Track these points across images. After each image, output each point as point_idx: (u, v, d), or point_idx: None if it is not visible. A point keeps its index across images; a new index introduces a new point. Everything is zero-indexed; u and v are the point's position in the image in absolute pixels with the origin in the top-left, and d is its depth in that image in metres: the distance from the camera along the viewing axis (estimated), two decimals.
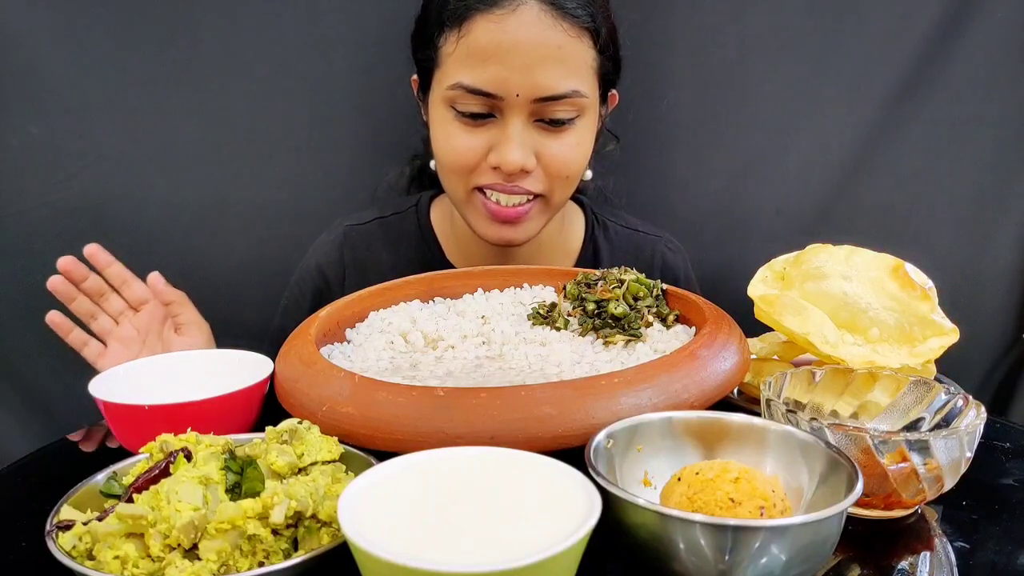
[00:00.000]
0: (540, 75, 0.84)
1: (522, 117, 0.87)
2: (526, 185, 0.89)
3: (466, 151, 0.89)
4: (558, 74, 0.85)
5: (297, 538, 0.48)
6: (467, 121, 0.88)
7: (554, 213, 0.96)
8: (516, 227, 0.93)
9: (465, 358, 0.71)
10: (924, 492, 0.55)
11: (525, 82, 0.84)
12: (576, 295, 0.77)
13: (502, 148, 0.87)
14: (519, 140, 0.87)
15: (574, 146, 0.90)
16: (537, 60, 0.84)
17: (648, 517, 0.45)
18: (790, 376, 0.64)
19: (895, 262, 0.72)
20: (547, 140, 0.89)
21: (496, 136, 0.88)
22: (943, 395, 0.61)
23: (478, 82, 0.85)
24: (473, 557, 0.40)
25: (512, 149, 0.86)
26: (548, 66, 0.84)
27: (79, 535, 0.47)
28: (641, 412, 0.55)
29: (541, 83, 0.85)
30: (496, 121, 0.88)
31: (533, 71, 0.84)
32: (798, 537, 0.44)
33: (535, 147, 0.89)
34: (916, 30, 1.12)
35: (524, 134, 0.87)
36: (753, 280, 0.76)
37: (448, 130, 0.90)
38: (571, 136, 0.90)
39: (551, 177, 0.90)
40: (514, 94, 0.85)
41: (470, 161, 0.89)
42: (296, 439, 0.54)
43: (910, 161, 1.17)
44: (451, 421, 0.54)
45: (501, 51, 0.83)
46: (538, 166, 0.89)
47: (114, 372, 0.71)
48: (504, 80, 0.84)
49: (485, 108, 0.87)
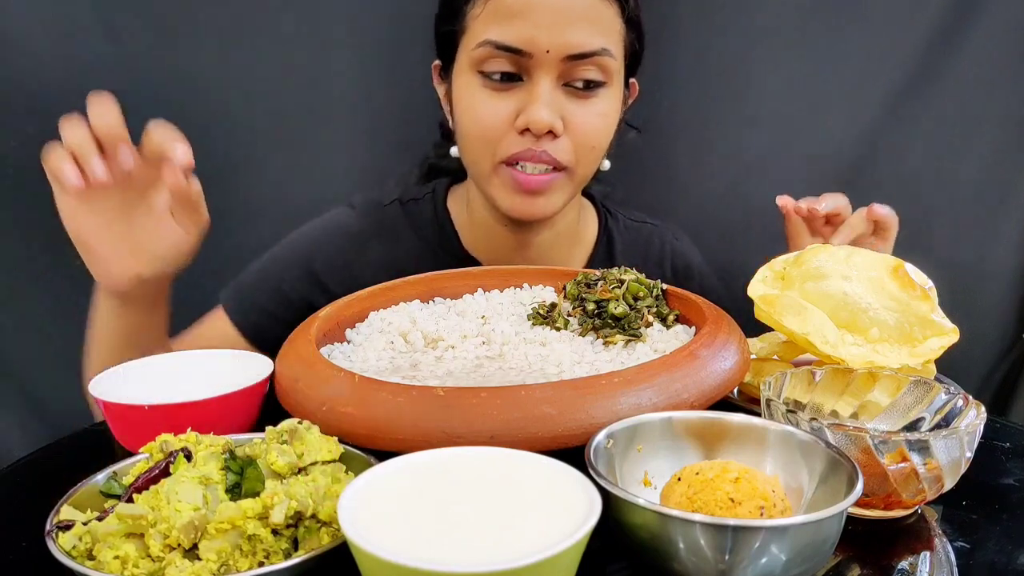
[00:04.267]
0: (570, 31, 0.84)
1: (551, 78, 0.86)
2: (553, 152, 0.88)
3: (493, 117, 0.88)
4: (588, 31, 0.85)
5: (297, 538, 0.48)
6: (494, 86, 0.87)
7: (576, 190, 0.95)
8: (538, 199, 0.91)
9: (465, 358, 0.71)
10: (924, 492, 0.54)
11: (555, 38, 0.84)
12: (576, 295, 0.77)
13: (530, 108, 0.86)
14: (548, 99, 0.86)
15: (601, 115, 0.90)
16: (566, 17, 0.83)
17: (648, 517, 0.45)
18: (790, 376, 0.64)
19: (895, 262, 0.72)
20: (575, 107, 0.88)
21: (524, 100, 0.87)
22: (943, 395, 0.61)
23: (507, 38, 0.84)
24: (473, 557, 0.40)
25: (540, 107, 0.85)
26: (578, 23, 0.84)
27: (79, 535, 0.47)
28: (641, 412, 0.55)
29: (571, 40, 0.84)
30: (523, 85, 0.87)
31: (563, 27, 0.84)
32: (798, 537, 0.44)
33: (562, 112, 0.88)
34: (918, 30, 1.13)
35: (553, 95, 0.87)
36: (753, 280, 0.76)
37: (475, 97, 0.89)
38: (598, 104, 0.89)
39: (577, 146, 0.89)
40: (544, 50, 0.84)
41: (497, 128, 0.88)
42: (296, 439, 0.54)
43: (911, 161, 1.18)
44: (451, 421, 0.54)
45: (529, 7, 0.83)
46: (565, 134, 0.89)
47: (114, 372, 0.71)
48: (533, 36, 0.84)
49: (513, 68, 0.86)
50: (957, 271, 1.17)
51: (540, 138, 0.87)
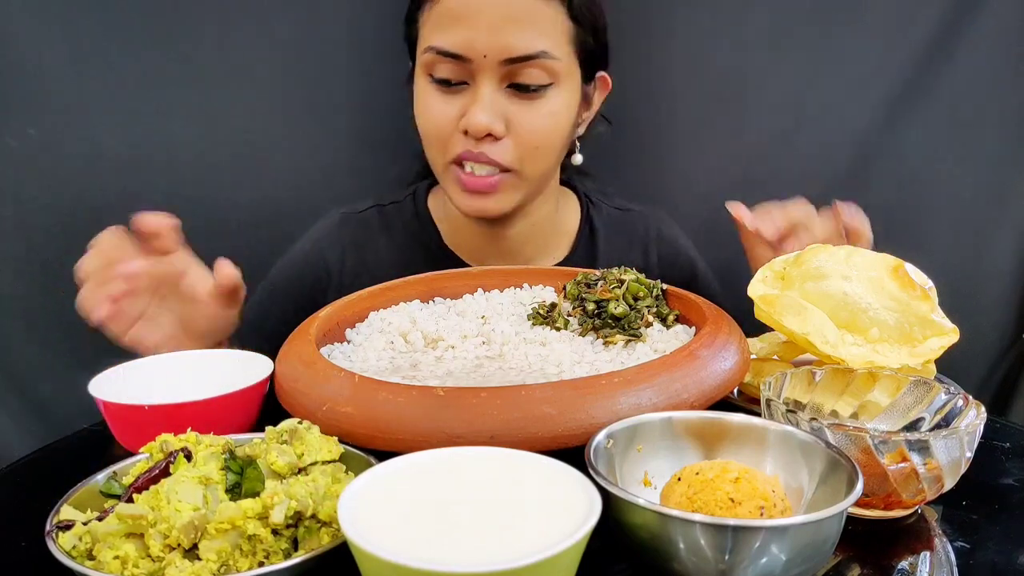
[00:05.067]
0: (507, 35, 0.84)
1: (493, 81, 0.87)
2: (494, 156, 0.89)
3: (440, 117, 0.89)
4: (527, 35, 0.85)
5: (297, 538, 0.48)
6: (442, 88, 0.89)
7: (532, 189, 0.96)
8: (487, 198, 0.92)
9: (465, 358, 0.71)
10: (924, 492, 0.54)
11: (492, 42, 0.84)
12: (576, 295, 0.77)
13: (470, 112, 0.87)
14: (487, 102, 0.87)
15: (546, 116, 0.90)
16: (504, 19, 0.84)
17: (648, 517, 0.45)
18: (790, 376, 0.64)
19: (895, 262, 0.72)
20: (518, 108, 0.89)
21: (467, 102, 0.88)
22: (943, 395, 0.61)
23: (447, 44, 0.86)
24: (473, 557, 0.40)
25: (478, 111, 0.86)
26: (516, 26, 0.84)
27: (79, 535, 0.47)
28: (641, 412, 0.55)
29: (508, 43, 0.85)
30: (469, 88, 0.88)
31: (500, 31, 0.84)
32: (798, 537, 0.44)
33: (506, 114, 0.88)
34: (917, 31, 1.13)
35: (493, 98, 0.87)
36: (753, 280, 0.76)
37: (426, 100, 0.90)
38: (543, 105, 0.89)
39: (521, 147, 0.90)
40: (482, 55, 0.85)
41: (444, 128, 0.89)
42: (296, 439, 0.54)
43: (910, 161, 1.18)
44: (451, 421, 0.54)
45: (469, 12, 0.84)
46: (508, 136, 0.89)
47: (114, 372, 0.71)
48: (471, 41, 0.85)
49: (457, 74, 0.87)
50: (957, 271, 1.17)
51: (480, 140, 0.88)
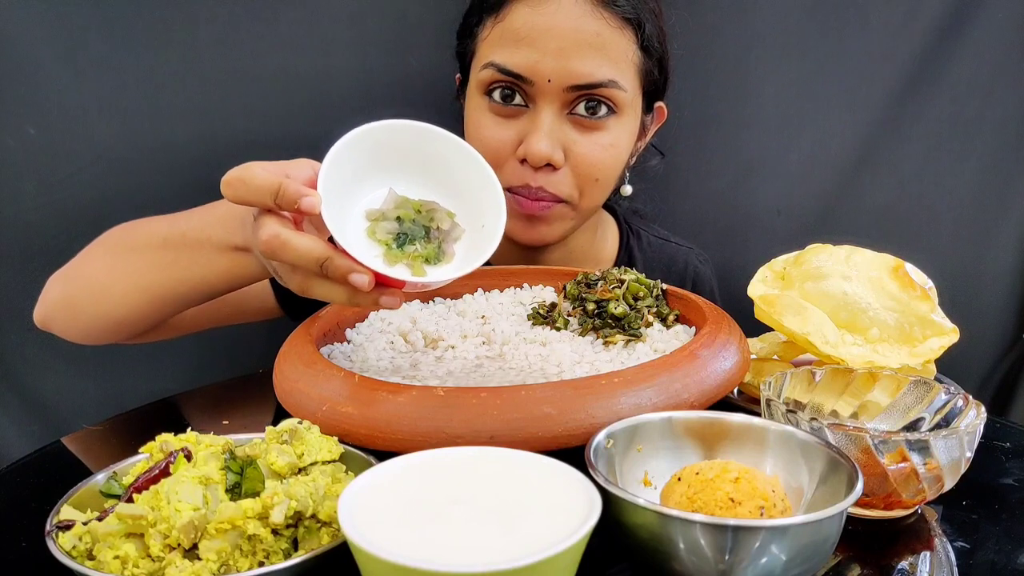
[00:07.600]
0: (575, 61, 0.81)
1: (555, 108, 0.84)
2: (552, 188, 0.86)
3: (495, 142, 0.86)
4: (594, 62, 0.82)
5: (297, 538, 0.48)
6: (498, 109, 0.86)
7: (582, 219, 0.93)
8: (540, 225, 0.89)
9: (465, 358, 0.71)
10: (924, 492, 0.55)
11: (558, 67, 0.81)
12: (576, 295, 0.77)
13: (530, 139, 0.84)
14: (548, 130, 0.84)
15: (607, 147, 0.87)
16: (572, 45, 0.81)
17: (648, 517, 0.45)
18: (790, 376, 0.64)
19: (895, 262, 0.72)
20: (579, 136, 0.86)
21: (526, 127, 0.85)
22: (943, 395, 0.61)
23: (510, 63, 0.83)
24: (473, 557, 0.40)
25: (540, 139, 0.83)
26: (584, 53, 0.81)
27: (79, 535, 0.47)
28: (641, 412, 0.55)
29: (575, 69, 0.82)
30: (528, 112, 0.85)
31: (567, 56, 0.81)
32: (798, 537, 0.44)
33: (565, 143, 0.85)
34: (917, 30, 1.13)
35: (554, 125, 0.84)
36: (753, 280, 0.76)
37: (480, 121, 0.87)
38: (605, 136, 0.86)
39: (579, 178, 0.87)
40: (546, 79, 0.82)
41: (500, 154, 0.86)
42: (296, 439, 0.54)
43: (911, 161, 1.18)
44: (451, 421, 0.54)
45: (535, 34, 0.81)
46: (566, 165, 0.86)
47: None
48: (536, 63, 0.82)
49: (516, 93, 0.84)
50: (957, 271, 1.17)
51: (538, 170, 0.86)
